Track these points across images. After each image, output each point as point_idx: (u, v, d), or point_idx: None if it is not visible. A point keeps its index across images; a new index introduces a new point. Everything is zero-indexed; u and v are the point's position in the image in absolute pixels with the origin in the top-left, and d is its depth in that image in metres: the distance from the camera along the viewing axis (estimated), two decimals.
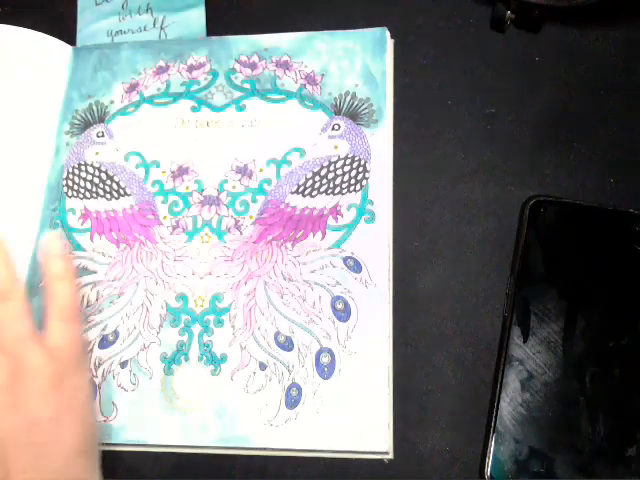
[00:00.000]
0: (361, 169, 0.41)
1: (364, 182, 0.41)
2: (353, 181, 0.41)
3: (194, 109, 0.44)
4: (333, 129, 0.42)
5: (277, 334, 0.38)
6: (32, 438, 0.31)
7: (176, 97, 0.45)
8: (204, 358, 0.39)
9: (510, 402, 0.35)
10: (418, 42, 0.45)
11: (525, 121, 0.42)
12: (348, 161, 0.41)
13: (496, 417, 0.35)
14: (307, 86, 0.44)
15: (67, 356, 0.33)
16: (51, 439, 0.31)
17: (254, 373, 0.38)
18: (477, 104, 0.43)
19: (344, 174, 0.41)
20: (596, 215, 0.38)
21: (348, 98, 0.43)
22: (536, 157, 0.41)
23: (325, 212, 0.40)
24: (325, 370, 0.37)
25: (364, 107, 0.42)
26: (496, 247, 0.40)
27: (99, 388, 0.38)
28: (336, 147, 0.42)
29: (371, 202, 0.40)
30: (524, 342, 0.36)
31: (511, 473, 0.34)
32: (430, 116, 0.43)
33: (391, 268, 0.39)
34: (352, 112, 0.42)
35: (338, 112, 0.43)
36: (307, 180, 0.41)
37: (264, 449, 0.37)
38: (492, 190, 0.41)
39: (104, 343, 0.39)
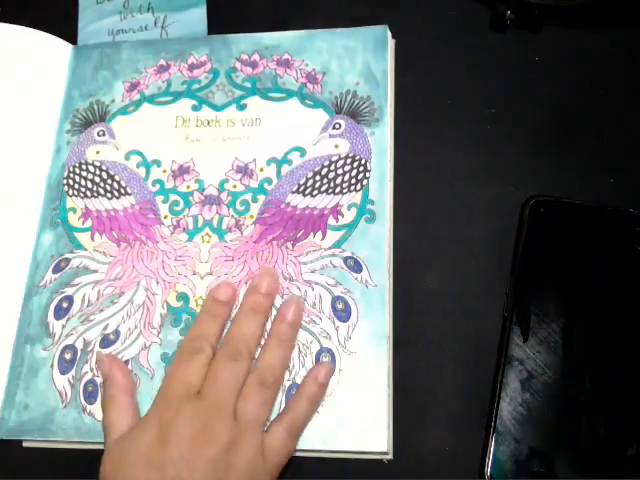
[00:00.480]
0: (362, 168, 0.41)
1: (364, 182, 0.40)
2: (354, 180, 0.40)
3: (195, 108, 0.44)
4: (334, 128, 0.42)
5: None
6: None
7: (177, 96, 0.44)
8: None
9: (510, 402, 0.35)
10: (418, 42, 0.44)
11: (525, 121, 0.42)
12: (349, 160, 0.41)
13: (496, 417, 0.35)
14: (308, 85, 0.43)
15: (270, 463, 0.35)
16: None
17: None
18: (477, 104, 0.43)
19: (345, 173, 0.41)
20: (596, 215, 0.38)
21: (349, 97, 0.42)
22: (536, 157, 0.41)
23: (326, 212, 0.40)
24: None
25: (365, 106, 0.42)
26: (496, 247, 0.39)
27: (100, 388, 0.38)
28: (337, 146, 0.41)
29: (372, 202, 0.40)
30: (524, 342, 0.36)
31: (511, 473, 0.34)
32: (430, 116, 0.43)
33: (391, 268, 0.39)
34: (353, 111, 0.42)
35: (339, 111, 0.42)
36: (308, 179, 0.41)
37: None
38: (492, 190, 0.41)
39: (105, 342, 0.39)
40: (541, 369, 0.35)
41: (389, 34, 0.43)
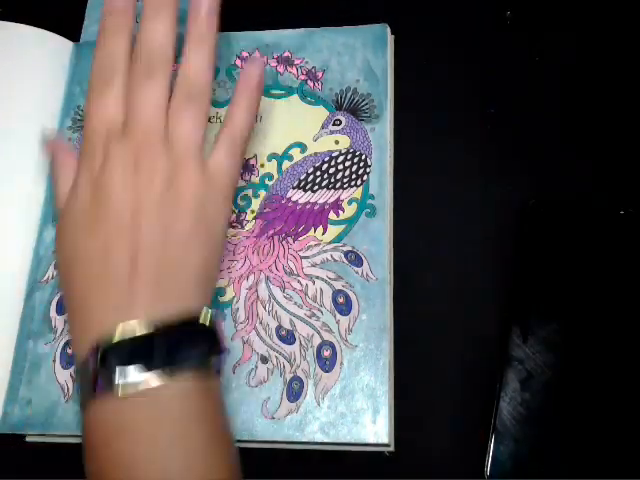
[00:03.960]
0: (362, 164, 0.39)
1: (365, 177, 0.39)
2: (354, 176, 0.39)
3: None
4: (334, 124, 0.41)
5: (279, 328, 0.37)
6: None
7: None
8: None
9: (510, 402, 0.34)
10: (418, 41, 0.43)
11: (525, 121, 0.40)
12: (349, 156, 0.40)
13: (496, 417, 0.33)
14: (308, 82, 0.42)
15: (219, 185, 0.31)
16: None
17: (256, 367, 0.36)
18: (477, 104, 0.41)
19: (345, 169, 0.40)
20: (596, 215, 0.37)
21: (349, 94, 0.41)
22: (536, 157, 0.39)
23: (326, 207, 0.39)
24: (326, 363, 0.36)
25: (365, 102, 0.41)
26: (496, 247, 0.38)
27: None
28: (337, 142, 0.40)
29: (372, 197, 0.39)
30: (524, 342, 0.34)
31: (511, 473, 0.33)
32: (430, 116, 0.41)
33: (392, 262, 0.38)
34: (353, 107, 0.41)
35: (339, 107, 0.41)
36: (308, 175, 0.40)
37: (265, 442, 0.35)
38: (492, 190, 0.39)
39: None
40: (541, 369, 0.34)
41: (389, 32, 0.42)
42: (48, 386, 0.37)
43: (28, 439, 0.37)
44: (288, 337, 0.37)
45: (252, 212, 0.40)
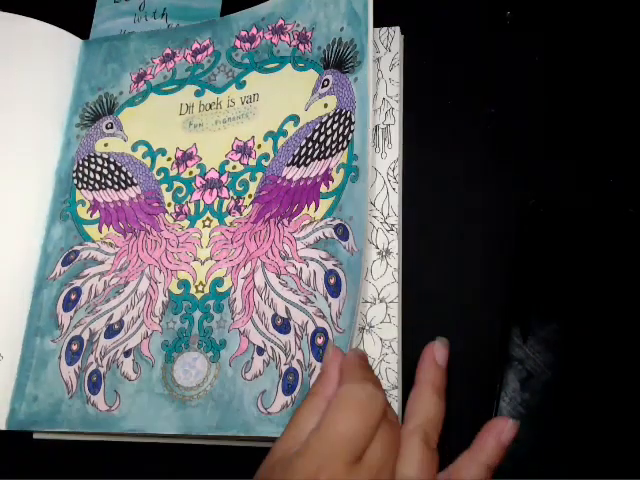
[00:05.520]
0: (347, 122, 0.35)
1: (350, 136, 0.35)
2: (341, 138, 0.35)
3: (198, 93, 0.41)
4: (323, 86, 0.37)
5: (274, 316, 0.34)
6: None
7: (181, 83, 0.42)
8: (204, 345, 0.35)
9: (510, 402, 0.32)
10: (418, 42, 0.40)
11: (525, 121, 0.38)
12: (336, 117, 0.36)
13: (496, 417, 0.32)
14: (299, 47, 0.39)
15: None
16: None
17: (252, 358, 0.34)
18: (477, 104, 0.39)
19: (333, 132, 0.36)
20: (596, 215, 0.35)
21: (334, 46, 0.38)
22: (536, 157, 0.37)
23: (318, 179, 0.36)
24: (320, 352, 0.33)
25: (349, 51, 0.37)
26: (496, 247, 0.36)
27: (104, 378, 0.36)
28: (326, 105, 0.36)
29: (355, 157, 0.34)
30: (524, 342, 0.33)
31: (511, 473, 0.30)
32: (430, 116, 0.39)
33: (370, 230, 0.35)
34: (339, 60, 0.37)
35: (327, 65, 0.37)
36: (301, 149, 0.37)
37: (263, 438, 0.33)
38: (492, 190, 0.37)
39: (110, 332, 0.37)
40: (541, 369, 0.33)
41: (399, 31, 0.39)
42: (53, 383, 0.37)
43: (35, 436, 0.37)
44: (283, 326, 0.34)
45: (250, 196, 0.37)
